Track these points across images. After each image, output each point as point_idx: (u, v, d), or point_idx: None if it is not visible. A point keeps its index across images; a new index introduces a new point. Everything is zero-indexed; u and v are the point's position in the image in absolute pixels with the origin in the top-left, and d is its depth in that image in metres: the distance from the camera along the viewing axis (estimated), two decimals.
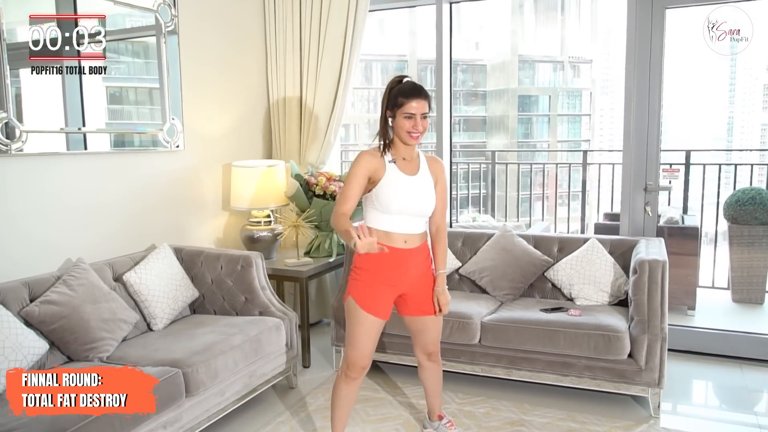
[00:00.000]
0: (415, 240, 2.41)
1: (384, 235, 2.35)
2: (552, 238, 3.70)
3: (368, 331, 2.40)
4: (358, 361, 2.42)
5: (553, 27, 32.88)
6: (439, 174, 2.48)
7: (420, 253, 2.44)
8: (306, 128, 4.13)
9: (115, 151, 3.25)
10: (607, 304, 3.37)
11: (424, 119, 2.33)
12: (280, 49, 4.15)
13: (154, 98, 3.45)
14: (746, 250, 4.61)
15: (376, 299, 2.38)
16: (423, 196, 2.39)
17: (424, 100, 2.32)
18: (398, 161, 2.38)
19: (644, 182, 3.65)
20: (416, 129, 2.31)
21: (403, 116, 2.31)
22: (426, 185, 2.41)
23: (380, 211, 2.37)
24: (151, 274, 3.06)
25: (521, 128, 31.92)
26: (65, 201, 2.95)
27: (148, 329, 3.01)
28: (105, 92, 3.26)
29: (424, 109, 2.32)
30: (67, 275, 2.71)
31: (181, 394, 2.48)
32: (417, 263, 2.43)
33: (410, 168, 2.40)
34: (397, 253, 2.36)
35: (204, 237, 3.82)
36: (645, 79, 3.56)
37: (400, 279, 2.40)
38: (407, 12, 29.01)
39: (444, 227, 2.55)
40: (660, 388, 2.91)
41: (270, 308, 3.22)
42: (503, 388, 3.26)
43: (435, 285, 2.51)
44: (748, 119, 26.19)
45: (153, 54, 3.40)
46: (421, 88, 2.34)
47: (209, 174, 3.84)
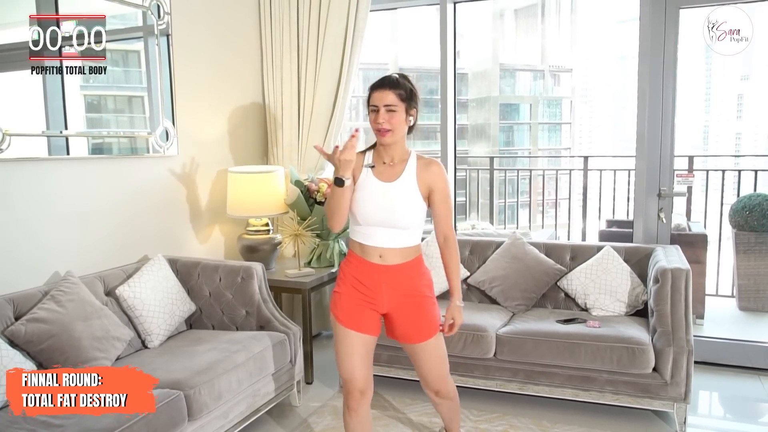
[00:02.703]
0: (395, 256, 2.13)
1: (359, 247, 2.17)
2: (564, 245, 3.57)
3: (351, 349, 2.15)
4: (350, 384, 2.16)
5: (534, 35, 33.15)
6: (434, 180, 2.15)
7: (401, 272, 2.15)
8: (304, 133, 3.96)
9: (105, 157, 3.04)
10: (624, 315, 3.24)
11: (391, 112, 2.04)
12: (276, 51, 3.98)
13: (144, 101, 3.25)
14: (753, 257, 4.53)
15: (356, 312, 2.15)
16: (396, 206, 2.10)
17: (388, 89, 2.04)
18: (379, 165, 2.15)
19: (658, 188, 3.54)
20: (377, 123, 2.04)
21: (370, 111, 2.08)
22: (403, 194, 2.12)
23: (353, 221, 2.18)
24: (146, 287, 2.85)
25: (503, 136, 32.04)
26: (52, 210, 2.74)
27: (143, 347, 2.81)
28: (82, 98, 3.05)
29: (387, 99, 2.03)
30: (55, 290, 2.49)
31: (183, 418, 2.29)
32: (397, 283, 2.15)
33: (389, 174, 2.14)
34: (370, 268, 2.14)
35: (199, 247, 3.62)
36: (658, 81, 3.46)
37: (375, 297, 2.15)
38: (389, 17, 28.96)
39: (452, 236, 2.24)
40: (686, 402, 2.78)
41: (273, 322, 3.04)
42: (520, 404, 3.10)
43: (451, 300, 2.24)
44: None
45: (143, 55, 3.20)
46: (390, 78, 2.08)
47: (204, 180, 3.64)
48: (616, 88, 36.10)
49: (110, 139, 3.10)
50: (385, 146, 2.13)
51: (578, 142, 34.53)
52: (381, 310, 2.19)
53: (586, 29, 33.36)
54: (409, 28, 21.50)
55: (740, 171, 5.06)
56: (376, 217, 2.11)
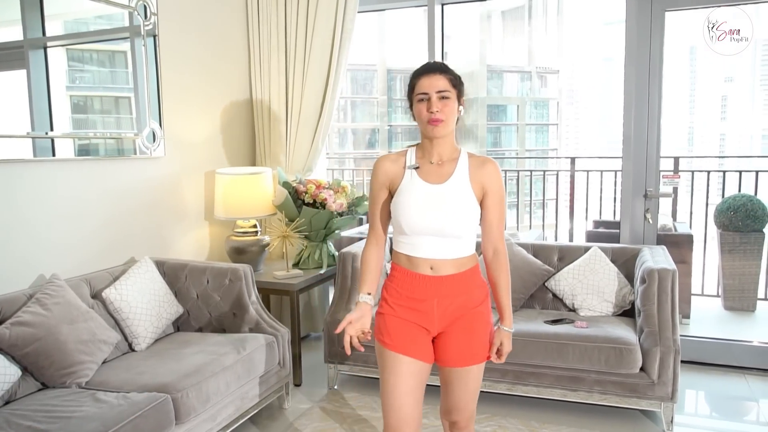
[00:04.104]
0: (448, 266, 1.84)
1: (406, 259, 1.87)
2: (552, 246, 3.58)
3: (402, 379, 1.81)
4: (398, 428, 1.81)
5: (521, 37, 33.34)
6: (489, 180, 1.87)
7: (456, 284, 1.85)
8: (292, 134, 3.94)
9: (91, 159, 3.00)
10: (611, 315, 3.25)
11: (445, 99, 1.79)
12: (264, 51, 3.96)
13: (132, 103, 3.22)
14: (738, 257, 4.57)
15: (406, 334, 1.84)
16: (447, 211, 1.81)
17: (439, 74, 1.80)
18: (424, 165, 1.87)
19: (644, 189, 3.56)
20: (430, 111, 1.78)
21: (417, 101, 1.82)
22: (456, 196, 1.83)
23: (397, 231, 1.89)
24: (132, 289, 2.82)
25: (490, 137, 32.18)
26: (37, 212, 2.70)
27: (130, 350, 2.78)
28: (68, 99, 3.02)
29: (439, 84, 1.79)
30: (40, 293, 2.46)
31: (170, 422, 2.26)
32: (451, 296, 1.85)
33: (438, 174, 1.85)
34: (421, 281, 1.84)
35: (186, 249, 3.59)
36: (644, 83, 3.48)
37: (427, 314, 1.85)
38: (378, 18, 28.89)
39: (503, 249, 1.91)
40: (673, 402, 2.80)
41: (261, 324, 3.02)
42: (509, 405, 3.11)
43: (500, 324, 1.93)
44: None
45: (130, 55, 3.18)
46: (437, 63, 1.88)
47: (191, 182, 3.61)
48: (603, 90, 36.45)
49: (96, 141, 3.07)
50: (432, 142, 1.85)
51: (565, 143, 34.78)
52: (433, 330, 1.88)
53: (573, 31, 33.66)
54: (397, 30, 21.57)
55: (725, 172, 5.11)
56: (425, 225, 1.82)
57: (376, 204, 1.93)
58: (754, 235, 4.55)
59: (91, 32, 3.10)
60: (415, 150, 1.92)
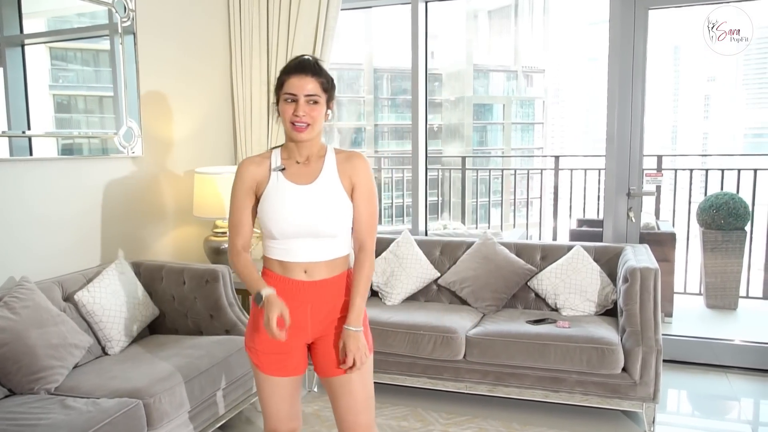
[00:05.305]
0: (322, 269, 1.80)
1: (279, 265, 1.81)
2: (534, 245, 3.56)
3: (276, 391, 1.85)
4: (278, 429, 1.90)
5: (507, 36, 33.40)
6: (357, 174, 1.82)
7: (332, 287, 1.82)
8: (273, 133, 3.88)
9: (65, 158, 2.93)
10: (594, 314, 3.24)
11: (314, 105, 1.73)
12: (246, 49, 3.89)
13: (108, 100, 3.15)
14: (720, 255, 4.58)
15: (277, 353, 1.82)
16: (318, 211, 1.77)
17: (311, 76, 1.72)
18: (291, 166, 1.81)
19: (627, 187, 3.55)
20: (295, 115, 1.71)
21: (284, 100, 1.74)
22: (326, 195, 1.79)
23: (267, 236, 1.83)
24: (106, 292, 2.76)
25: (476, 136, 32.20)
26: (9, 213, 2.62)
27: (104, 353, 2.71)
28: (51, 97, 2.95)
29: (308, 88, 1.71)
30: (9, 296, 2.38)
31: (142, 427, 2.21)
32: (322, 302, 1.82)
33: (305, 174, 1.80)
34: (294, 287, 1.79)
35: (164, 250, 3.52)
36: (628, 82, 3.47)
37: (300, 322, 1.79)
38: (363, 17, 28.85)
39: (370, 246, 1.86)
40: (655, 402, 2.79)
41: (238, 326, 2.96)
42: (490, 406, 3.08)
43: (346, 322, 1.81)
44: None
45: (107, 53, 3.11)
46: (309, 62, 1.75)
47: (170, 181, 3.54)
48: (588, 89, 36.59)
49: (80, 140, 3.00)
50: (298, 144, 1.80)
51: (551, 142, 34.90)
52: (307, 338, 1.85)
53: (559, 31, 33.73)
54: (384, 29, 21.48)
55: (707, 170, 5.14)
56: (296, 228, 1.77)
57: (242, 210, 1.84)
58: (736, 233, 4.56)
59: (69, 30, 3.03)
60: (280, 151, 1.86)
